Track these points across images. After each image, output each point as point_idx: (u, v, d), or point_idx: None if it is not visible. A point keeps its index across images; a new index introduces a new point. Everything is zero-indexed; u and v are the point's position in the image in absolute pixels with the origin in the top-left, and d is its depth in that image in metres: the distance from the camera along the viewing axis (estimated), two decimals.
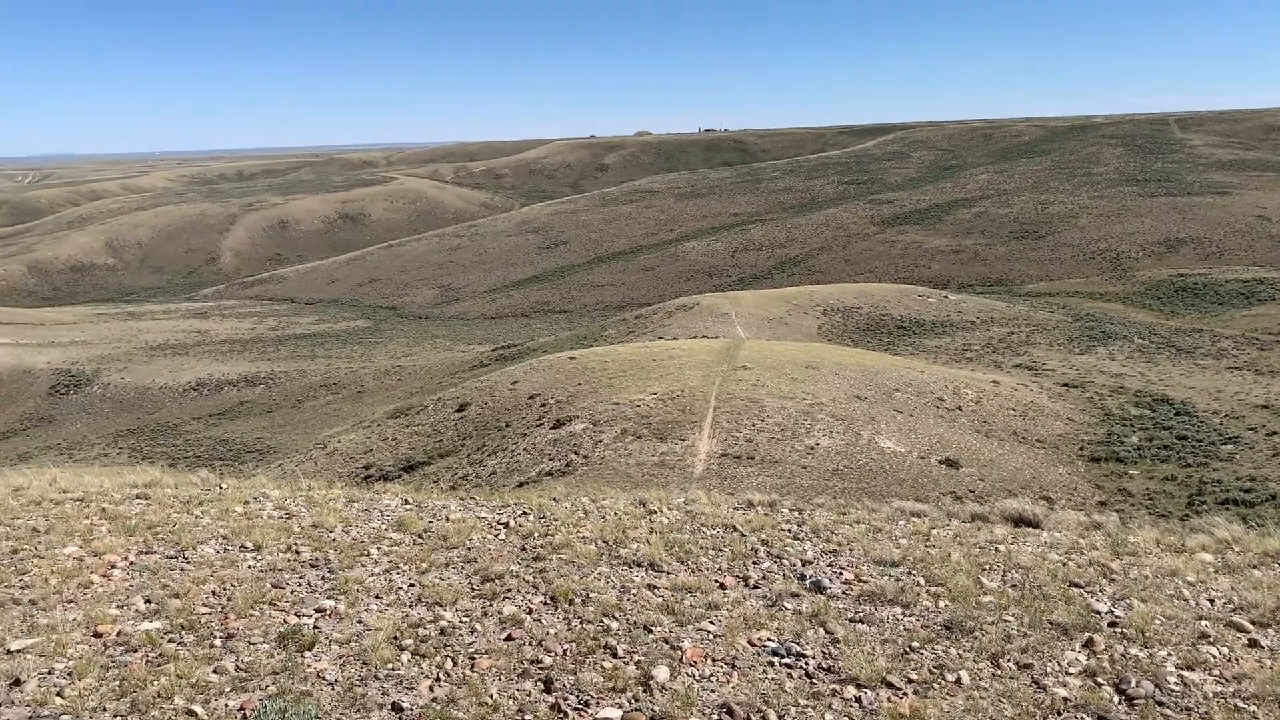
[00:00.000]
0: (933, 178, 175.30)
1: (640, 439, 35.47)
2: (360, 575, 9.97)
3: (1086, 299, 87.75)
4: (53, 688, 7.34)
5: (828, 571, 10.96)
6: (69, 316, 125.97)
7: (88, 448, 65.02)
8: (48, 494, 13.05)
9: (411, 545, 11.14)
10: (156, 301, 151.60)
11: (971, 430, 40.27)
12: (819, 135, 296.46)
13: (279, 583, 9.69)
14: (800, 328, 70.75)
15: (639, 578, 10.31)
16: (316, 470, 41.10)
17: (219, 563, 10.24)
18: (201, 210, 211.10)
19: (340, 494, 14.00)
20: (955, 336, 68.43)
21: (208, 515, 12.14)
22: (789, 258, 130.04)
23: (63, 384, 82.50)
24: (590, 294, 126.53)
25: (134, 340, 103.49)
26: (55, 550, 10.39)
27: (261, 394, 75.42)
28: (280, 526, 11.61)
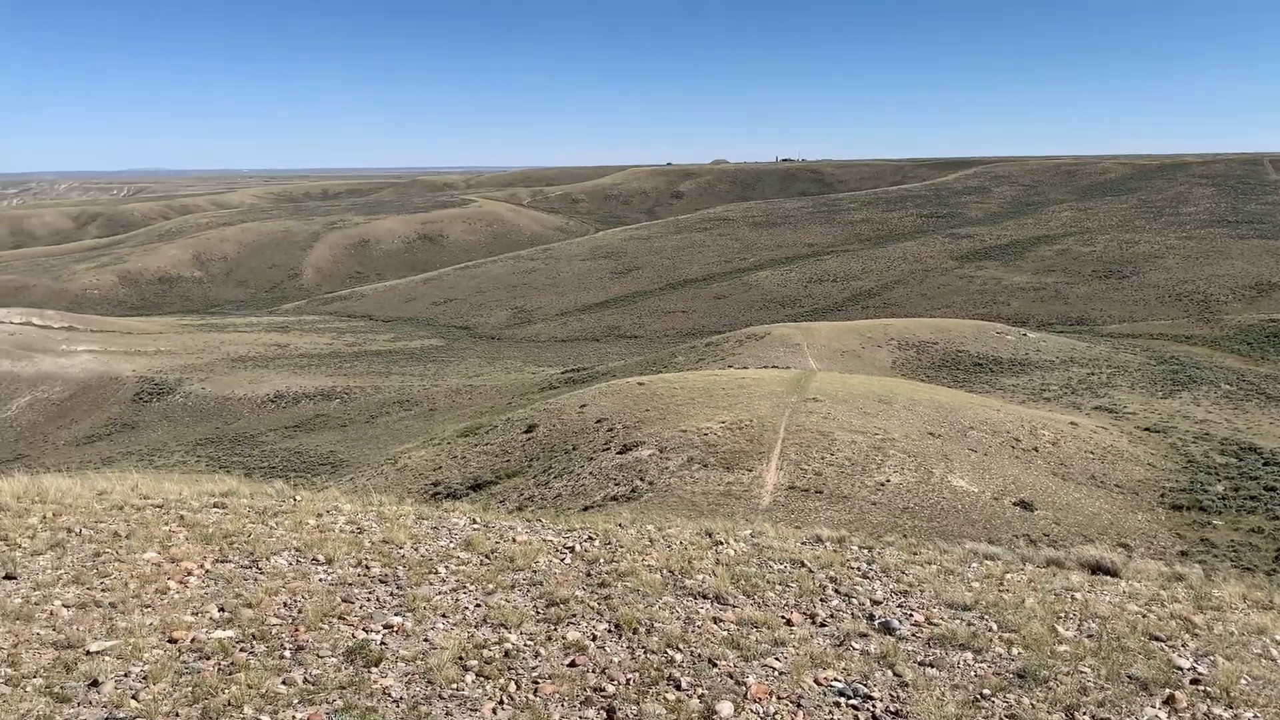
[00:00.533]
0: (1014, 213, 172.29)
1: (707, 468, 35.28)
2: (428, 593, 10.05)
3: (1171, 342, 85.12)
4: (128, 690, 7.52)
5: (897, 612, 10.72)
6: (155, 326, 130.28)
7: (167, 454, 66.98)
8: (130, 499, 13.44)
9: (478, 565, 11.21)
10: (239, 314, 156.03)
11: (1047, 472, 39.23)
12: (898, 167, 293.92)
13: (349, 597, 9.81)
14: (873, 361, 69.87)
15: (704, 609, 10.20)
16: (387, 485, 41.72)
17: (291, 574, 10.42)
18: (286, 227, 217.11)
19: (410, 511, 14.16)
20: (1033, 375, 66.91)
21: (281, 527, 12.37)
22: (864, 290, 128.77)
23: (146, 391, 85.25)
24: (661, 320, 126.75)
25: (216, 351, 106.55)
26: (135, 555, 10.69)
27: (336, 408, 76.97)
28: (351, 541, 11.78)
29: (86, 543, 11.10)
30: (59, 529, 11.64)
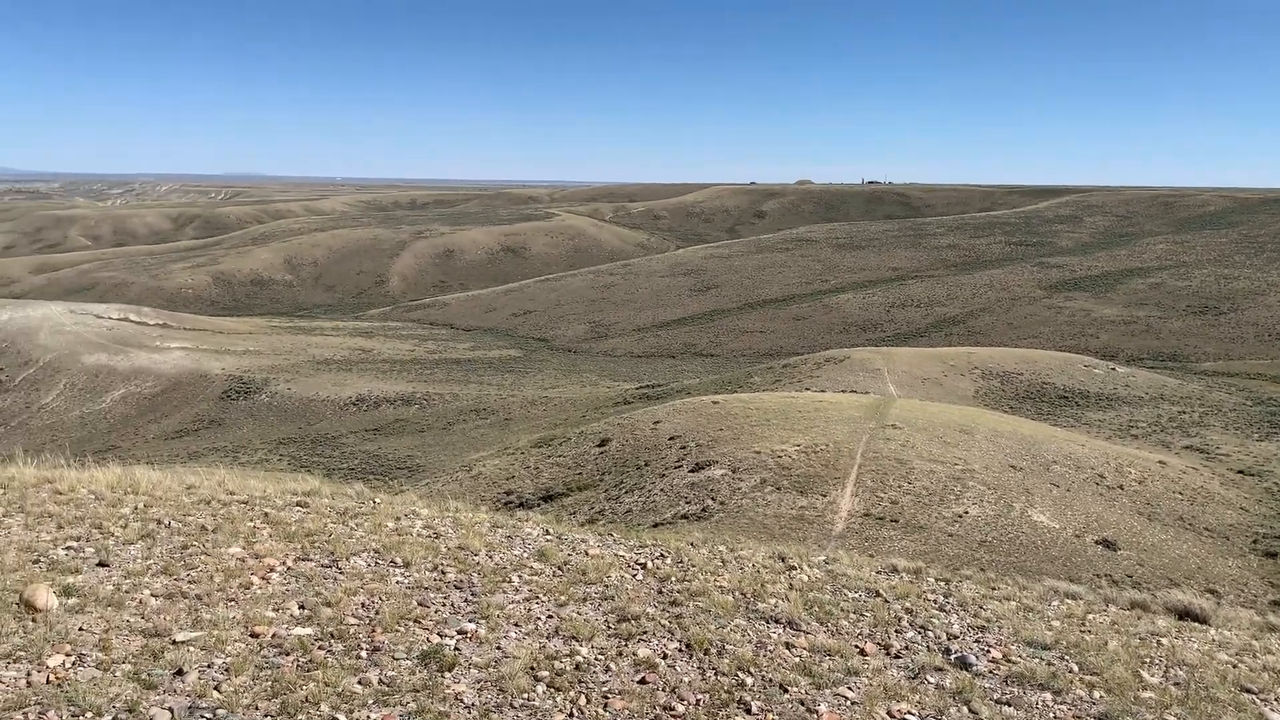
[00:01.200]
0: (1106, 244, 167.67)
1: (780, 490, 34.95)
2: (501, 601, 10.13)
3: (1269, 382, 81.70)
4: (211, 681, 7.73)
5: (974, 647, 10.47)
6: (245, 327, 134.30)
7: (251, 452, 68.86)
8: (216, 494, 13.86)
9: (551, 576, 11.26)
10: (326, 318, 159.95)
11: (1133, 511, 37.95)
12: (987, 193, 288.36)
13: (424, 601, 9.95)
14: (955, 390, 68.53)
15: (776, 634, 10.09)
16: (461, 492, 42.24)
17: (369, 576, 10.60)
18: (375, 235, 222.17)
19: (485, 518, 14.31)
20: (1121, 411, 64.87)
21: (361, 528, 12.61)
22: (948, 317, 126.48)
23: (234, 390, 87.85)
24: (739, 339, 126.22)
25: (302, 353, 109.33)
26: (221, 549, 11.00)
27: (415, 414, 78.30)
28: (428, 545, 11.95)
29: (175, 535, 11.46)
30: (149, 520, 12.04)
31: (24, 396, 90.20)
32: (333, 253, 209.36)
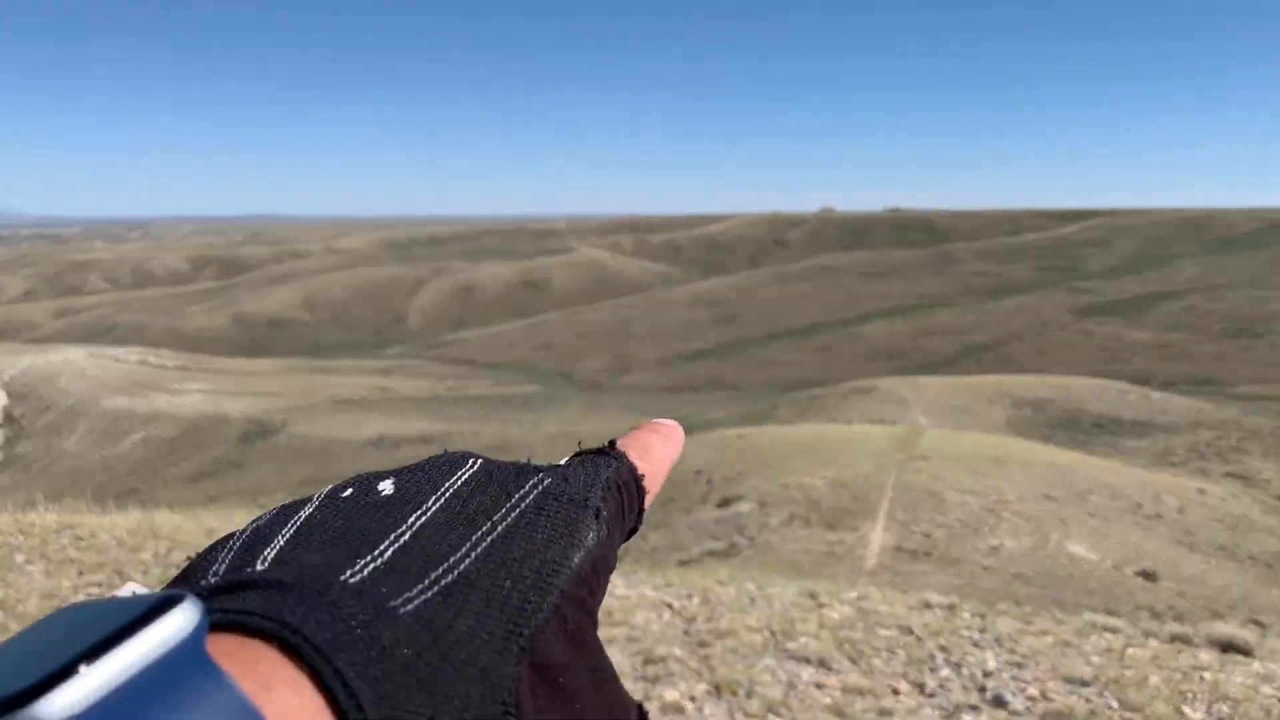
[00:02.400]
0: (1136, 267, 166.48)
1: (809, 525, 34.50)
2: None
3: None
4: None
5: (1011, 685, 10.10)
6: (264, 367, 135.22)
7: (270, 494, 68.82)
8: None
9: None
10: (345, 357, 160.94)
11: (1172, 541, 37.15)
12: (1013, 217, 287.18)
13: None
14: (986, 419, 67.75)
15: (807, 674, 9.78)
16: None
17: None
18: (393, 272, 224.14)
19: None
20: (1157, 438, 63.86)
21: None
22: (977, 344, 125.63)
23: (253, 431, 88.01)
24: (763, 371, 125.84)
25: (321, 393, 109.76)
26: None
27: (436, 452, 78.09)
28: None
29: None
30: (170, 565, 11.91)
31: (45, 441, 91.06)
32: (351, 291, 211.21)
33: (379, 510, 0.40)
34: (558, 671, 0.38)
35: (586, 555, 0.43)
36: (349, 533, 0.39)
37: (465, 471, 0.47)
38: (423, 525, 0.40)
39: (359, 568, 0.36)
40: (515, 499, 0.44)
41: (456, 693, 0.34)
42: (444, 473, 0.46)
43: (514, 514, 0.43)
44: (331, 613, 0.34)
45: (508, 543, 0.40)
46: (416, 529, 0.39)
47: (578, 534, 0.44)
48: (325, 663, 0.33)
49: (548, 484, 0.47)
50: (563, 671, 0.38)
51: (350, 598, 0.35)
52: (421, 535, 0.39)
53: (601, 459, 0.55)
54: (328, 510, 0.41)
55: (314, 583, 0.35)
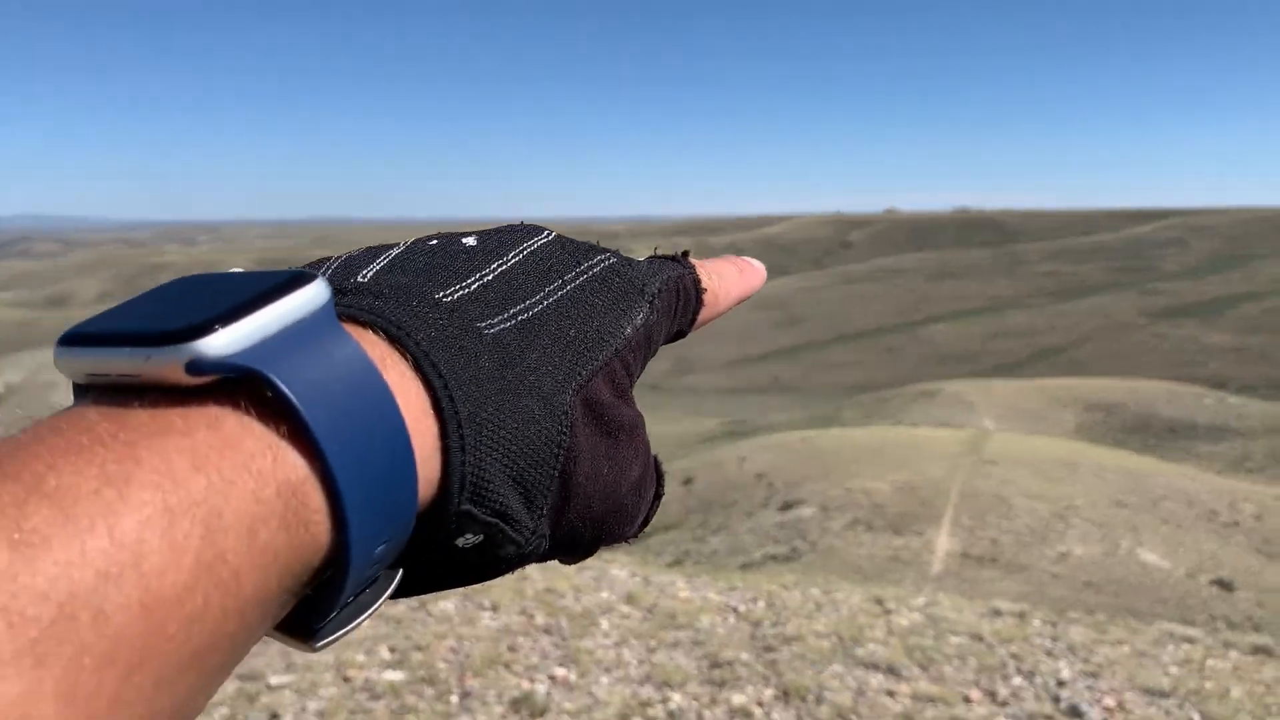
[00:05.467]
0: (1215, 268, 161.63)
1: (872, 530, 34.17)
2: (590, 646, 10.01)
3: None
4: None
5: (1086, 695, 9.93)
6: None
7: None
8: None
9: (640, 620, 11.10)
10: None
11: (1249, 549, 36.02)
12: (1086, 217, 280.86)
13: (513, 645, 9.88)
14: (1057, 423, 66.41)
15: (876, 681, 9.73)
16: None
17: (458, 619, 10.60)
18: None
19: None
20: (1234, 443, 61.98)
21: None
22: (1048, 347, 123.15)
23: None
24: (827, 373, 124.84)
25: None
26: None
27: None
28: (514, 588, 11.91)
29: None
30: None
31: None
32: None
33: (463, 255, 0.45)
34: (604, 411, 0.45)
35: (636, 330, 0.49)
36: (436, 268, 0.43)
37: (541, 239, 0.49)
38: (503, 272, 0.45)
39: (448, 292, 0.41)
40: (584, 267, 0.48)
41: (524, 406, 0.39)
42: (522, 236, 0.49)
43: (582, 278, 0.47)
44: (428, 319, 0.39)
45: (575, 300, 0.46)
46: (498, 273, 0.44)
47: (632, 310, 0.49)
48: (424, 356, 0.37)
49: (614, 262, 0.51)
50: (608, 411, 0.45)
51: (443, 313, 0.40)
52: (502, 279, 0.44)
53: (670, 262, 0.59)
54: (415, 250, 0.45)
55: (411, 296, 0.40)
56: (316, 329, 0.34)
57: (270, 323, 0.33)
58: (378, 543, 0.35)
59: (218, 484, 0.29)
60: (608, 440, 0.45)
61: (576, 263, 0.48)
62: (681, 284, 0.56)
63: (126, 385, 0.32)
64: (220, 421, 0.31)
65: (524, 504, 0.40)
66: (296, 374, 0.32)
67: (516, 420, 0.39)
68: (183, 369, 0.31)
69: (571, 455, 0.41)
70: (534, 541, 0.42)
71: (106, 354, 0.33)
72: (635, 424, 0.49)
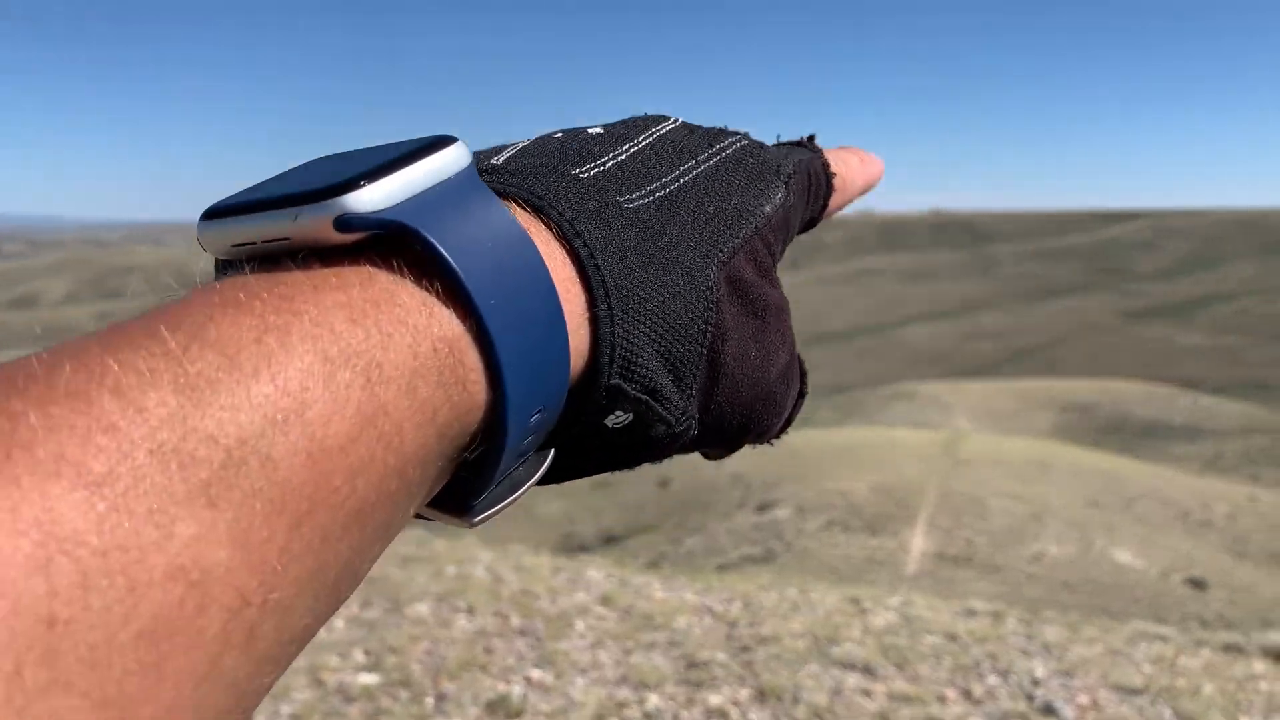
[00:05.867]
0: (1187, 269, 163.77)
1: (848, 530, 34.29)
2: (566, 648, 9.97)
3: None
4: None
5: (1061, 693, 9.97)
6: None
7: None
8: None
9: (616, 621, 11.07)
10: None
11: (1222, 549, 36.45)
12: (1059, 219, 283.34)
13: (489, 647, 9.82)
14: (1031, 424, 66.94)
15: (852, 681, 9.75)
16: (521, 535, 42.22)
17: (433, 621, 10.53)
18: None
19: (546, 562, 14.18)
20: (1207, 444, 62.71)
21: (422, 574, 12.56)
22: (1022, 348, 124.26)
23: None
24: None
25: None
26: None
27: None
28: (490, 590, 11.85)
29: None
30: None
31: None
32: None
33: (593, 140, 0.44)
34: (748, 289, 0.43)
35: (775, 209, 0.47)
36: (568, 151, 0.42)
37: (669, 125, 0.49)
38: (635, 152, 0.44)
39: (584, 169, 0.41)
40: (717, 149, 0.48)
41: (668, 281, 0.38)
42: (650, 122, 0.48)
43: (716, 159, 0.47)
44: (569, 193, 0.38)
45: (711, 178, 0.45)
46: (630, 153, 0.44)
47: (769, 190, 0.48)
48: (569, 225, 0.37)
49: (746, 144, 0.50)
50: (752, 289, 0.44)
51: (582, 186, 0.39)
52: (635, 158, 0.43)
53: (798, 148, 0.57)
54: (544, 140, 0.44)
55: (549, 172, 0.39)
56: (462, 190, 0.34)
57: (417, 180, 0.33)
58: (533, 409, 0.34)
59: (375, 337, 0.29)
60: (755, 321, 0.44)
61: (709, 144, 0.48)
62: (813, 167, 0.55)
63: (276, 251, 0.32)
64: (374, 278, 0.31)
65: (673, 381, 0.39)
66: (447, 231, 0.32)
67: (663, 294, 0.38)
68: (331, 226, 0.31)
69: (719, 333, 0.41)
70: (684, 422, 0.41)
71: (253, 219, 0.33)
72: (781, 305, 0.48)
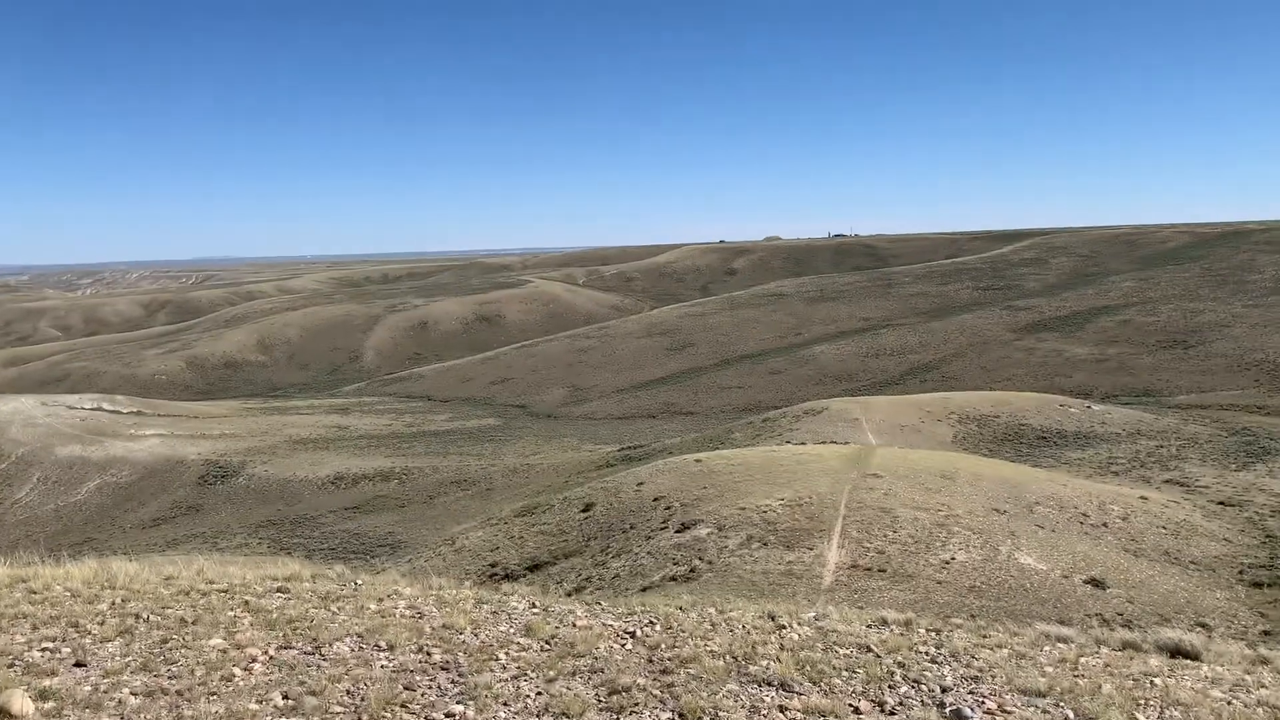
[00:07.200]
0: (1073, 284, 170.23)
1: (766, 546, 34.79)
2: (489, 680, 9.97)
3: (1242, 412, 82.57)
4: None
5: (968, 699, 10.39)
6: (220, 410, 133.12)
7: (230, 536, 67.81)
8: (195, 584, 13.63)
9: (539, 652, 11.11)
10: (301, 397, 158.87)
11: (1118, 549, 38.01)
12: (952, 240, 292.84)
13: (411, 684, 9.77)
14: (934, 436, 68.80)
15: (769, 698, 9.97)
16: (445, 567, 41.73)
17: (353, 661, 10.42)
18: (348, 311, 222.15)
19: (470, 595, 14.14)
20: (1099, 449, 65.30)
21: (343, 612, 12.42)
22: (922, 364, 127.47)
23: (211, 474, 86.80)
24: (717, 396, 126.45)
25: (278, 434, 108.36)
26: (201, 642, 10.79)
27: (395, 489, 77.53)
28: (412, 626, 11.77)
29: (154, 629, 11.25)
30: (127, 615, 11.81)
31: None
32: (306, 331, 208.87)
33: None
34: None
35: None
36: None
37: None
38: None
39: None
40: None
41: None
42: None
43: None
44: None
45: None
46: None
47: None
48: None
49: None
50: None
51: None
52: None
53: None
54: None
55: None
56: None
57: None
58: None
59: None
60: None
61: None
62: None
63: None
64: None
65: None
66: None
67: None
68: None
69: None
70: None
71: None
72: None
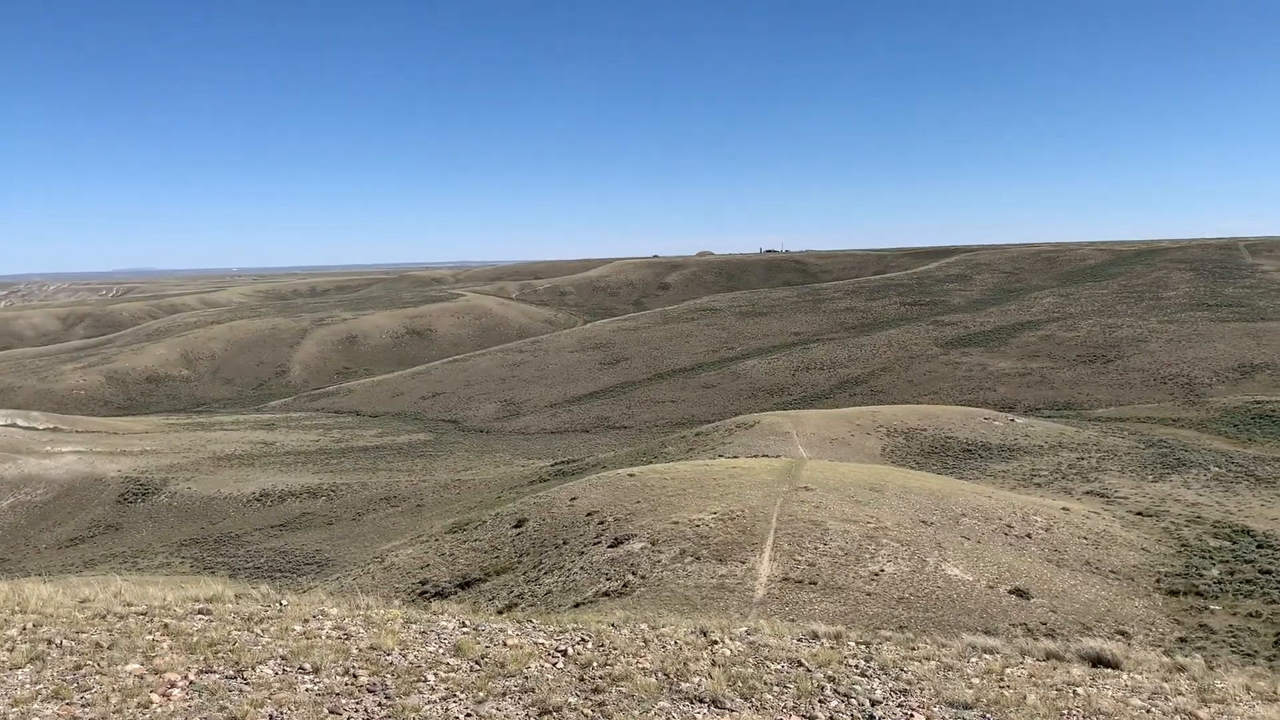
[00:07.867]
0: (996, 300, 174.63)
1: (699, 560, 34.88)
2: (417, 703, 9.80)
3: (1159, 425, 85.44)
4: None
5: (897, 713, 10.52)
6: (141, 426, 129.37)
7: (151, 556, 65.85)
8: (113, 607, 13.16)
9: (469, 672, 10.96)
10: (226, 412, 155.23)
11: (1042, 559, 38.91)
12: (880, 257, 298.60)
13: (336, 708, 9.56)
14: (863, 448, 69.79)
15: (701, 715, 9.97)
16: (374, 585, 41.02)
17: (277, 684, 10.16)
18: (274, 324, 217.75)
19: (398, 614, 13.89)
20: (1023, 461, 66.87)
21: (267, 634, 12.10)
22: (851, 378, 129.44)
23: (131, 492, 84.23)
24: (650, 410, 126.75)
25: (202, 450, 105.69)
26: (117, 667, 10.42)
27: (323, 506, 76.09)
28: (338, 648, 11.52)
29: (67, 655, 10.83)
30: (39, 640, 11.36)
31: None
32: (231, 345, 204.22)
33: None
34: None
35: None
36: None
37: None
38: None
39: None
40: None
41: None
42: None
43: None
44: None
45: None
46: None
47: None
48: None
49: None
50: None
51: None
52: None
53: None
54: None
55: None
56: None
57: None
58: None
59: None
60: None
61: None
62: None
63: None
64: None
65: None
66: None
67: None
68: None
69: None
70: None
71: None
72: None
